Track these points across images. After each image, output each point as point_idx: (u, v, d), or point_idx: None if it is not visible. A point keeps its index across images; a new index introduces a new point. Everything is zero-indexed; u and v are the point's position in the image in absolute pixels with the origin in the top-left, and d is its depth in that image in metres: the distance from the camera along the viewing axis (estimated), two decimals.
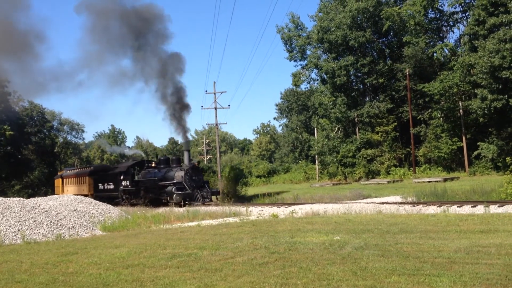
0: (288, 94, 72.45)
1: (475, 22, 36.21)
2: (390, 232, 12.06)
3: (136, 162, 36.83)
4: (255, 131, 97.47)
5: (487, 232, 11.26)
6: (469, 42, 38.01)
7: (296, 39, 53.49)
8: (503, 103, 33.36)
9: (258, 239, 11.80)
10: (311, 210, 20.76)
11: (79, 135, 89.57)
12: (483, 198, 21.48)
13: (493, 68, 32.76)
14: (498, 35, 32.91)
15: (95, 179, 40.14)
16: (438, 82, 39.81)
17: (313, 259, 8.95)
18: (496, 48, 32.59)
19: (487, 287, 6.49)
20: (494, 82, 33.52)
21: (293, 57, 54.50)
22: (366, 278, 7.30)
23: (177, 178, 30.05)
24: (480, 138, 39.34)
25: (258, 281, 7.55)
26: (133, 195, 34.39)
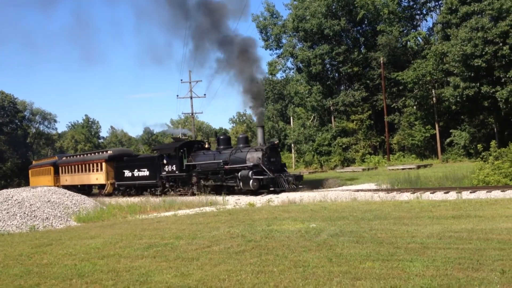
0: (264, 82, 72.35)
1: (447, 10, 36.64)
2: (365, 219, 12.23)
3: (184, 143, 30.56)
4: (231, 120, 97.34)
5: (459, 217, 11.50)
6: (442, 30, 38.50)
7: (271, 27, 53.37)
8: (475, 91, 33.92)
9: (234, 227, 11.85)
10: (287, 199, 20.87)
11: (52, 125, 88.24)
12: (456, 184, 21.86)
13: (465, 56, 33.25)
14: (470, 24, 33.38)
15: (118, 166, 34.43)
16: (412, 70, 40.30)
17: (289, 246, 9.03)
18: (468, 37, 33.06)
19: (459, 271, 6.63)
20: (466, 70, 34.04)
21: (269, 46, 54.41)
22: (341, 264, 7.40)
23: (251, 161, 25.27)
24: (452, 126, 40.05)
25: (235, 269, 7.59)
26: (182, 182, 29.26)
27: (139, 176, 31.94)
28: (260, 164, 24.81)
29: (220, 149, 27.70)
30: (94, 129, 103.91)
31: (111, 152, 36.75)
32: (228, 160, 26.18)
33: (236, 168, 25.61)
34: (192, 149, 29.46)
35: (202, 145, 30.45)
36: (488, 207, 13.01)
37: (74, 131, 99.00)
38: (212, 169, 27.03)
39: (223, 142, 28.66)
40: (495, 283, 6.01)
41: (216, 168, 26.71)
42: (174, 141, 33.06)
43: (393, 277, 6.54)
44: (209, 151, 29.09)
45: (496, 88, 32.92)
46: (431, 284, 6.10)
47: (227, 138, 29.59)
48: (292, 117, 55.44)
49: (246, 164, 25.18)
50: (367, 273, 6.83)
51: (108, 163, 35.23)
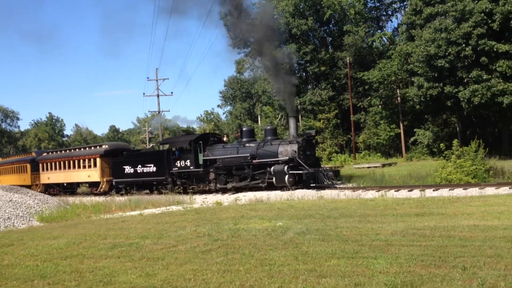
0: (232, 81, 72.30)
1: (412, 11, 37.30)
2: (331, 217, 12.33)
3: (200, 136, 27.83)
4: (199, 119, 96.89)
5: (422, 215, 11.71)
6: (406, 31, 39.17)
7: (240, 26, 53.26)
8: (438, 91, 34.63)
9: (201, 227, 11.79)
10: (254, 197, 20.90)
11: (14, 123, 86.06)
12: (419, 182, 22.30)
13: (429, 56, 33.90)
14: (434, 25, 34.04)
15: (116, 161, 31.20)
16: (377, 70, 40.90)
17: (256, 245, 9.03)
18: (432, 37, 33.72)
19: (422, 268, 6.75)
20: (430, 71, 34.71)
21: (237, 44, 54.31)
22: (306, 262, 7.44)
23: (284, 154, 23.21)
24: (416, 125, 40.83)
25: (201, 269, 7.55)
26: (197, 179, 26.79)
27: (144, 173, 29.08)
28: (296, 158, 22.78)
29: (243, 142, 25.49)
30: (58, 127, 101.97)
31: (107, 146, 33.43)
32: (255, 154, 24.08)
33: (266, 163, 23.63)
34: (208, 143, 26.98)
35: (220, 138, 28.20)
36: (450, 205, 13.29)
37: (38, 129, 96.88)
38: (237, 164, 24.74)
39: (247, 134, 26.38)
40: (457, 279, 6.13)
41: (242, 163, 24.47)
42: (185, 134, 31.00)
43: (357, 274, 6.61)
44: (228, 144, 27.13)
45: (458, 88, 33.68)
46: (395, 281, 6.18)
47: (251, 130, 27.53)
48: (260, 116, 55.54)
49: (278, 158, 23.27)
50: (332, 271, 6.88)
51: (104, 158, 32.01)
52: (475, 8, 31.98)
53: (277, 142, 24.16)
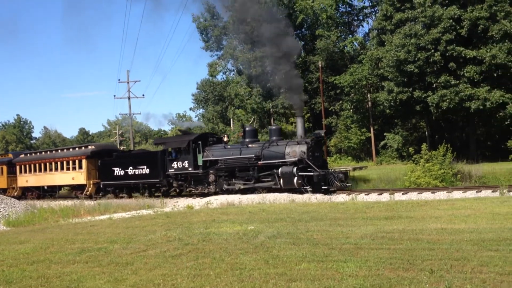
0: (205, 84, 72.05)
1: (383, 17, 37.83)
2: (302, 220, 12.38)
3: (199, 136, 26.72)
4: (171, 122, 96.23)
5: (391, 218, 11.85)
6: (377, 36, 39.71)
7: (212, 29, 53.23)
8: (408, 96, 35.16)
9: (171, 231, 11.69)
10: (226, 201, 20.85)
11: None
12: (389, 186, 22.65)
13: (399, 62, 34.40)
14: (404, 30, 34.58)
15: (104, 163, 29.92)
16: (349, 74, 41.35)
17: (227, 249, 9.00)
18: (402, 43, 34.24)
19: (390, 271, 6.82)
20: (400, 76, 35.24)
21: (209, 47, 54.25)
22: (277, 266, 7.45)
23: (291, 155, 22.34)
24: (386, 129, 41.43)
25: (171, 273, 7.48)
26: (195, 180, 25.82)
27: (136, 175, 27.86)
28: (305, 159, 22.00)
29: (246, 142, 24.60)
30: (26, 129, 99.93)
31: (94, 147, 31.96)
32: (260, 155, 23.27)
33: (273, 164, 22.78)
34: (207, 143, 25.98)
35: (219, 138, 27.14)
36: (419, 208, 13.49)
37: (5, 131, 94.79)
38: (241, 165, 23.85)
39: (250, 134, 25.37)
40: (424, 282, 6.22)
41: (247, 164, 23.59)
42: (182, 133, 29.55)
43: (327, 278, 6.64)
44: (229, 145, 26.33)
45: (427, 93, 34.25)
46: (364, 284, 6.23)
47: (254, 130, 26.55)
48: (232, 119, 55.50)
49: (285, 159, 22.45)
50: (302, 274, 6.90)
51: (90, 160, 30.53)
52: (444, 15, 32.64)
53: (284, 143, 23.45)
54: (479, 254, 7.45)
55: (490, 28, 31.89)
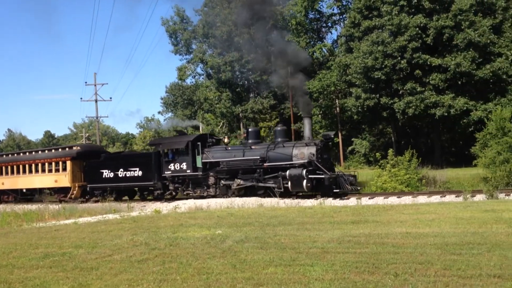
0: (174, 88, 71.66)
1: (351, 24, 38.35)
2: (270, 224, 12.40)
3: (198, 136, 25.64)
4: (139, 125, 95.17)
5: (358, 222, 11.99)
6: (345, 43, 40.22)
7: (181, 32, 53.03)
8: (375, 102, 35.71)
9: (138, 235, 11.55)
10: (194, 205, 20.73)
11: None
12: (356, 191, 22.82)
13: (367, 68, 34.92)
14: (371, 38, 35.13)
15: (91, 165, 28.45)
16: (317, 80, 41.72)
17: (194, 253, 8.94)
18: (369, 50, 34.78)
19: (356, 275, 6.89)
20: (367, 82, 35.77)
21: (178, 51, 54.02)
22: (244, 271, 7.44)
23: (299, 157, 21.60)
24: (354, 134, 41.97)
25: (136, 279, 7.38)
26: (193, 183, 24.82)
27: (127, 177, 26.58)
28: (314, 162, 21.23)
29: (249, 144, 23.76)
30: None
31: (79, 148, 30.39)
32: (265, 157, 22.48)
33: (280, 166, 21.95)
34: (206, 144, 24.95)
35: (219, 139, 26.33)
36: (385, 213, 13.68)
37: None
38: (245, 167, 22.99)
39: (253, 135, 24.46)
40: (389, 286, 6.31)
41: (251, 166, 22.77)
42: (179, 134, 28.42)
43: (294, 282, 6.67)
44: (230, 146, 25.53)
45: (394, 100, 34.85)
46: None
47: (257, 131, 25.68)
48: (202, 123, 55.29)
49: (292, 161, 21.71)
50: (269, 279, 6.91)
51: (75, 161, 29.01)
52: (410, 23, 33.30)
53: (291, 144, 22.83)
54: (443, 257, 7.59)
55: (455, 37, 32.71)
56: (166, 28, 53.62)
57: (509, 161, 22.44)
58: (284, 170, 21.60)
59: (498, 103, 31.50)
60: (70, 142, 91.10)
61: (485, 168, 23.90)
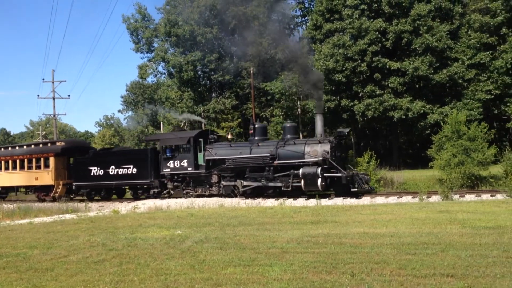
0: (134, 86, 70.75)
1: (313, 26, 38.74)
2: (230, 225, 12.41)
3: (200, 132, 24.64)
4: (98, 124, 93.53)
5: (317, 223, 12.12)
6: (307, 45, 40.57)
7: (143, 30, 52.34)
8: (336, 104, 36.16)
9: (95, 236, 11.36)
10: (154, 205, 20.53)
11: None
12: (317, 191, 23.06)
13: (328, 71, 35.33)
14: (332, 40, 35.56)
15: (78, 161, 26.95)
16: (279, 81, 41.91)
17: (152, 254, 8.85)
18: (330, 52, 35.20)
19: (314, 275, 6.96)
20: (328, 84, 36.19)
21: (140, 49, 53.28)
22: (203, 271, 7.41)
23: (312, 154, 20.84)
24: None
25: (93, 280, 7.26)
26: (194, 181, 23.82)
27: (120, 175, 25.30)
28: (329, 160, 20.57)
29: (255, 141, 22.87)
30: None
31: (64, 144, 28.82)
32: (275, 154, 21.68)
33: (291, 164, 21.24)
34: (207, 141, 23.93)
35: (221, 136, 25.15)
36: (343, 213, 13.89)
37: None
38: (253, 165, 22.12)
39: (260, 132, 23.52)
40: (346, 285, 6.40)
41: (261, 164, 21.89)
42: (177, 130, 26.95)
43: (252, 282, 6.69)
44: (234, 143, 24.54)
45: (354, 102, 35.38)
46: None
47: (264, 128, 24.72)
48: (163, 122, 54.76)
49: (305, 159, 20.98)
50: (228, 279, 6.91)
51: (59, 158, 27.69)
52: (371, 27, 33.89)
53: (302, 141, 22.15)
54: (398, 257, 7.76)
55: (413, 42, 33.47)
56: (127, 25, 52.83)
57: (463, 163, 23.12)
58: (296, 168, 21.00)
59: (453, 106, 32.40)
60: (26, 140, 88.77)
61: (440, 170, 24.55)
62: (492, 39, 34.23)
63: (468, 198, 18.34)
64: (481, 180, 23.82)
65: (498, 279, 6.35)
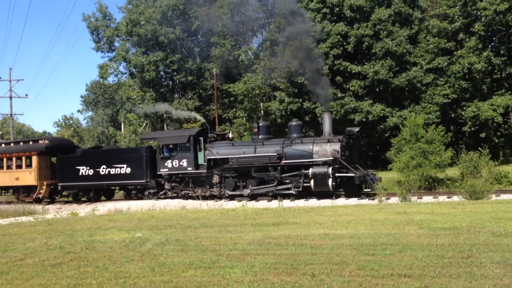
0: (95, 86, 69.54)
1: (276, 29, 38.95)
2: (192, 227, 12.34)
3: (200, 131, 23.60)
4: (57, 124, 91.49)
5: (279, 224, 12.18)
6: (270, 47, 40.76)
7: (103, 29, 51.49)
8: (298, 106, 36.45)
9: (53, 238, 11.12)
10: (114, 208, 20.22)
11: None
12: None
13: (290, 73, 35.59)
14: (295, 43, 35.82)
15: (64, 160, 25.53)
16: (242, 83, 41.95)
17: (111, 257, 8.73)
18: (293, 55, 35.45)
19: (274, 276, 7.00)
20: (291, 86, 36.46)
21: (100, 48, 52.39)
22: (163, 274, 7.35)
23: (321, 154, 20.31)
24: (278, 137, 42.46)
25: (49, 283, 7.12)
26: (194, 182, 22.88)
27: (112, 175, 24.15)
28: (339, 159, 20.11)
29: (259, 140, 22.17)
30: None
31: (48, 142, 27.24)
32: (281, 153, 21.04)
33: (300, 164, 20.68)
34: (207, 140, 23.08)
35: (220, 134, 24.52)
36: (305, 215, 14.00)
37: None
38: (259, 165, 21.42)
39: (264, 130, 22.87)
40: (306, 286, 6.46)
41: (267, 164, 21.20)
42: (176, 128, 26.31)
43: (213, 284, 6.68)
44: (235, 142, 23.82)
45: (316, 105, 35.73)
46: None
47: (268, 127, 24.01)
48: (123, 123, 54.01)
49: (313, 158, 20.49)
50: (188, 281, 6.87)
51: (42, 157, 26.32)
52: (333, 30, 34.33)
53: (310, 140, 21.52)
54: (357, 258, 7.88)
55: (374, 46, 34.09)
56: (88, 24, 51.87)
57: (421, 165, 23.63)
58: (305, 168, 20.56)
59: (412, 110, 33.15)
60: None
61: (399, 172, 25.02)
62: (449, 44, 35.27)
63: (425, 200, 18.78)
64: (438, 182, 24.40)
65: (454, 279, 6.53)
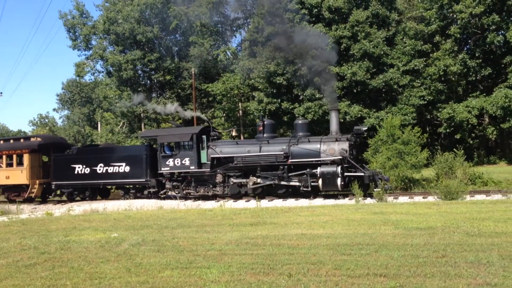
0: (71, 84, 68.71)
1: (254, 29, 38.97)
2: (169, 227, 12.27)
3: (202, 129, 23.25)
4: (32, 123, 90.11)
5: (257, 224, 12.18)
6: (249, 47, 40.76)
7: (80, 27, 50.85)
8: (277, 106, 36.53)
9: (27, 239, 10.94)
10: (90, 208, 19.98)
11: None
12: None
13: (269, 73, 35.66)
14: (274, 43, 35.90)
15: (59, 159, 24.74)
16: (221, 83, 41.88)
17: (86, 258, 8.63)
18: (272, 56, 35.54)
19: (252, 276, 7.00)
20: (270, 87, 36.53)
21: (77, 46, 51.73)
22: (139, 274, 7.29)
23: (329, 153, 20.07)
24: None
25: (23, 284, 7.01)
26: (196, 181, 22.38)
27: (110, 174, 23.55)
28: (348, 158, 19.92)
29: (264, 138, 21.84)
30: None
31: (41, 139, 26.46)
32: (287, 152, 20.74)
33: (307, 163, 20.38)
34: (209, 138, 22.65)
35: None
36: (283, 215, 14.02)
37: None
38: (265, 163, 21.04)
39: (269, 129, 22.45)
40: (283, 286, 6.47)
41: (274, 163, 20.87)
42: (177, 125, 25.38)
43: (190, 285, 6.65)
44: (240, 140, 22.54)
45: (294, 105, 35.88)
46: None
47: (273, 125, 23.64)
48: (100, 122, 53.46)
49: (321, 157, 20.23)
50: (165, 282, 6.83)
51: (35, 155, 25.51)
52: (311, 31, 34.45)
53: (317, 139, 21.11)
54: (334, 258, 7.92)
55: (352, 47, 34.35)
56: (64, 22, 51.17)
57: (397, 166, 23.90)
58: (312, 167, 20.35)
59: (389, 111, 33.51)
60: None
61: None
62: (426, 47, 35.75)
63: (401, 200, 18.97)
64: (414, 183, 24.71)
65: (428, 279, 6.61)
